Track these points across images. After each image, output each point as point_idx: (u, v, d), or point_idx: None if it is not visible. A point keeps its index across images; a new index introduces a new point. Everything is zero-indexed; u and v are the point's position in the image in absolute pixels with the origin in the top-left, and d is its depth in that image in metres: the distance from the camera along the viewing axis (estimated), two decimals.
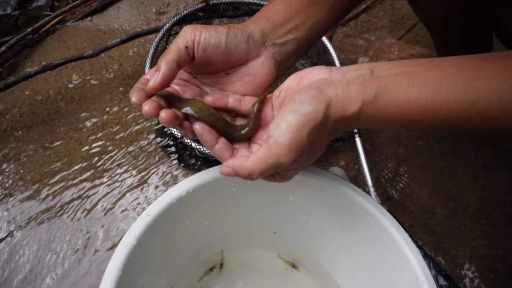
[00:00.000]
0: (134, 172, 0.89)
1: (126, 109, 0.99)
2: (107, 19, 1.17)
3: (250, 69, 0.48)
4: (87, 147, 0.93)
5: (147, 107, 0.41)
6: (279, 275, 0.72)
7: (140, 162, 0.91)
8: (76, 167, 0.90)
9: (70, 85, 1.02)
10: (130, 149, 0.92)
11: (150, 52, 0.87)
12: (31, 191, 0.87)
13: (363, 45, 1.11)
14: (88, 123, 0.96)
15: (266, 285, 0.72)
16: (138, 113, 0.98)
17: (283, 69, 0.51)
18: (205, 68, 0.47)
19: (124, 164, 0.91)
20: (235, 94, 0.48)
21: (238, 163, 0.39)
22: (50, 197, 0.86)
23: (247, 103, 0.47)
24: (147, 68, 0.87)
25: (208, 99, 0.46)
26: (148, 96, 0.43)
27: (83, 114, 0.98)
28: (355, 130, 0.87)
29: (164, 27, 0.89)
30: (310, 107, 0.38)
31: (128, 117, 0.97)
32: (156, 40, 0.89)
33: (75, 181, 0.88)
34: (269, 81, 0.49)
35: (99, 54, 0.95)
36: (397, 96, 0.38)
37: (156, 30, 0.96)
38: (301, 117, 0.37)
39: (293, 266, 0.72)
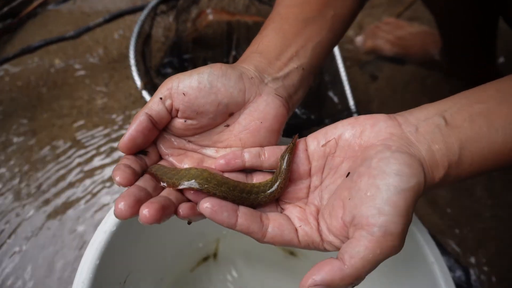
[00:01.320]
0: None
1: (111, 94, 0.93)
2: (91, 1, 1.11)
3: (253, 113, 0.39)
4: (71, 134, 0.88)
5: (122, 204, 0.31)
6: (278, 263, 0.68)
7: None
8: (60, 155, 0.85)
9: (52, 70, 0.97)
10: (115, 136, 0.87)
11: (135, 31, 0.82)
12: (12, 180, 0.82)
13: (359, 24, 1.06)
14: (72, 109, 0.91)
15: (264, 274, 0.68)
16: (124, 98, 0.93)
17: (293, 104, 0.43)
18: (197, 120, 0.39)
19: (110, 151, 0.86)
20: (251, 148, 0.39)
21: (337, 275, 0.30)
22: (32, 187, 0.81)
23: (270, 156, 0.38)
24: (131, 50, 0.82)
25: (220, 162, 0.38)
26: (135, 174, 0.35)
27: (66, 100, 0.93)
28: (353, 109, 0.82)
29: (150, 5, 0.84)
30: (414, 179, 0.31)
31: (114, 102, 0.92)
32: (141, 18, 0.83)
33: (59, 170, 0.83)
34: (280, 122, 0.40)
35: (82, 34, 0.90)
36: (481, 148, 0.33)
37: (141, 9, 0.91)
38: (407, 194, 0.31)
39: (292, 253, 0.68)
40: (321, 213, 0.36)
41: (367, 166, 0.33)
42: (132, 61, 0.78)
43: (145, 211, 0.31)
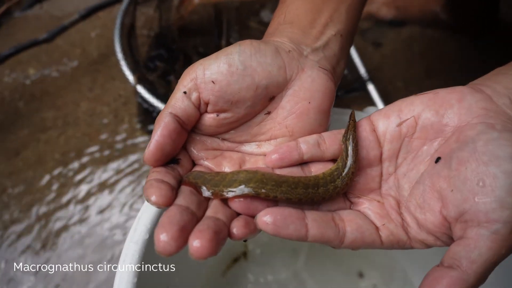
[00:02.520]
0: (118, 165, 0.76)
1: (97, 98, 0.85)
2: (60, 3, 1.01)
3: (298, 93, 0.33)
4: (60, 148, 0.79)
5: (165, 236, 0.25)
6: (315, 253, 0.62)
7: (122, 152, 0.77)
8: (50, 172, 0.76)
9: (28, 81, 0.87)
10: (109, 140, 0.79)
11: (117, 22, 0.74)
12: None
13: None
14: (56, 121, 0.82)
15: (302, 267, 0.61)
16: (113, 100, 0.85)
17: (338, 78, 0.37)
18: (232, 112, 0.33)
19: (106, 158, 0.77)
20: (306, 137, 0.33)
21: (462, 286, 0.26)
22: (21, 211, 0.72)
23: (331, 143, 0.33)
24: (117, 43, 0.74)
25: (272, 158, 0.32)
26: (173, 189, 0.28)
27: (48, 111, 0.83)
28: (366, 77, 0.76)
29: None
30: None
31: (103, 106, 0.84)
32: (122, 8, 0.75)
33: (51, 188, 0.74)
34: (330, 99, 0.34)
35: (56, 36, 0.81)
36: None
37: (120, 0, 0.83)
38: None
39: None
40: (405, 206, 0.31)
41: (471, 150, 0.27)
42: (119, 55, 0.70)
43: (196, 243, 0.25)
